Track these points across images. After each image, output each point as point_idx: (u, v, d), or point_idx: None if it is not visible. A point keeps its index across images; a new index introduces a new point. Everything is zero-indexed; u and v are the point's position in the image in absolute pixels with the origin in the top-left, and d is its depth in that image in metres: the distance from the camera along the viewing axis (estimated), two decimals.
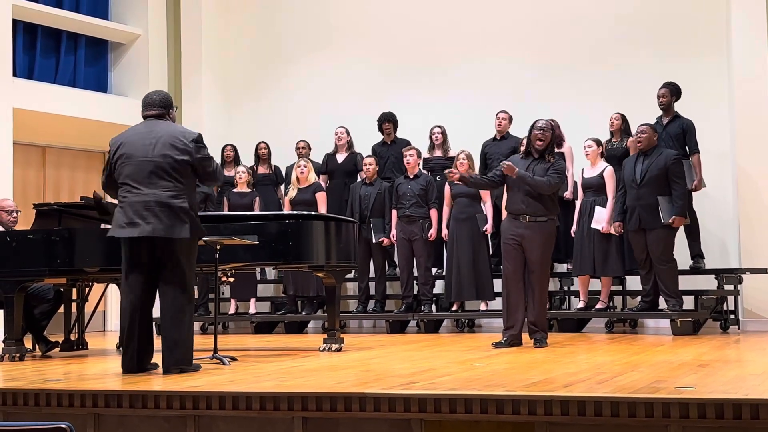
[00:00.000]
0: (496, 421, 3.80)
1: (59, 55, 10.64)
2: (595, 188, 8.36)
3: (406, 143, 9.47)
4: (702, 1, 9.41)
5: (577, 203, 8.50)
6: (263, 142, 10.19)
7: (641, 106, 8.76)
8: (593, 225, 8.25)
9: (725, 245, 9.13)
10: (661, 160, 7.79)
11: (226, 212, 9.22)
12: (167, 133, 5.34)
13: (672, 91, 8.42)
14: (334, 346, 6.70)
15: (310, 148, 10.12)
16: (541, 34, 10.07)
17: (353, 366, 5.51)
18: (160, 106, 5.46)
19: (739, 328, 8.48)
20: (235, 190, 9.73)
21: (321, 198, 9.16)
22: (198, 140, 5.37)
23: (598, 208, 8.27)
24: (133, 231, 5.22)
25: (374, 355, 6.35)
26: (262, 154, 10.15)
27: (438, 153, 9.46)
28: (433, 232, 8.95)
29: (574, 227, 8.47)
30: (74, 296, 7.46)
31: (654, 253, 7.83)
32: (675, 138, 8.24)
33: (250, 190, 9.76)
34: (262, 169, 10.11)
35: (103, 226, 7.25)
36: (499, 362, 5.53)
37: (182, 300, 5.28)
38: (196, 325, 9.96)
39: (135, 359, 5.29)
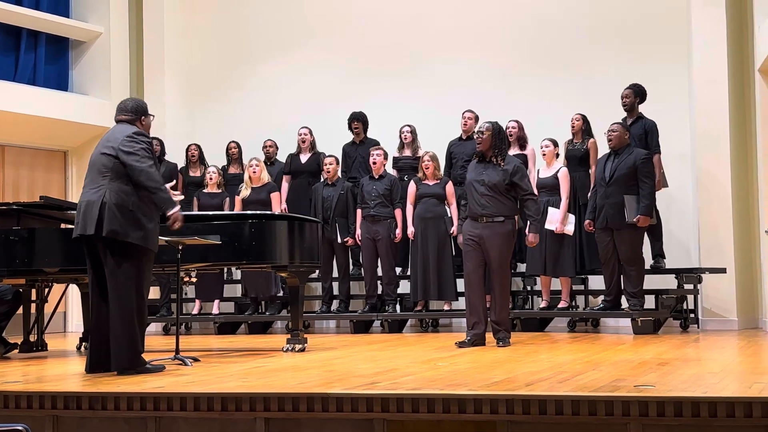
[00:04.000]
0: (459, 421, 3.81)
1: (19, 53, 10.48)
2: (549, 188, 8.41)
3: (376, 143, 9.45)
4: (664, 6, 9.52)
5: None
6: (234, 141, 10.06)
7: (604, 108, 8.84)
8: (546, 225, 8.28)
9: (685, 245, 9.24)
10: (631, 159, 7.84)
11: (188, 212, 9.13)
12: (113, 134, 5.39)
13: (636, 92, 8.49)
14: (298, 347, 6.68)
15: (277, 148, 10.06)
16: (507, 36, 10.13)
17: (316, 366, 5.50)
18: (131, 112, 5.52)
19: (698, 327, 8.58)
20: (205, 190, 9.63)
21: (275, 198, 9.13)
22: (131, 135, 5.30)
23: (551, 209, 8.31)
24: (74, 232, 5.39)
25: (337, 355, 6.34)
26: (233, 154, 10.03)
27: (407, 152, 9.45)
28: (398, 232, 8.95)
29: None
30: (33, 297, 7.36)
31: (622, 254, 7.88)
32: (638, 138, 8.31)
33: (220, 190, 9.67)
34: (232, 169, 10.00)
35: (63, 226, 7.17)
36: (462, 362, 5.55)
37: (118, 302, 5.21)
38: (159, 326, 9.88)
39: (89, 359, 5.36)
